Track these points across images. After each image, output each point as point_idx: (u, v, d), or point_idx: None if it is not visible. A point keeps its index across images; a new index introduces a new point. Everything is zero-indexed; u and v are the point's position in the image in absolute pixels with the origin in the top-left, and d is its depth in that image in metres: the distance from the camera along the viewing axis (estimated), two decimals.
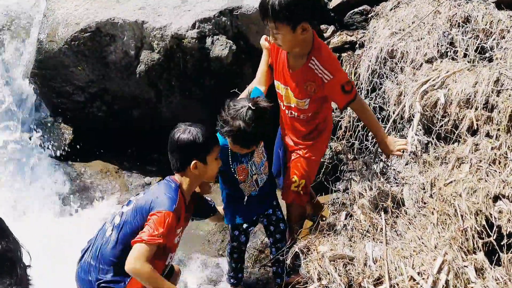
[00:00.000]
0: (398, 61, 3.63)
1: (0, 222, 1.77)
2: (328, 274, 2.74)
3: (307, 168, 3.08)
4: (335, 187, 3.69)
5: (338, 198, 3.70)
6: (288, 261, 2.96)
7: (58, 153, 4.46)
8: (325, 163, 3.78)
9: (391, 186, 3.21)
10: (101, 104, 4.41)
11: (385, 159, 3.36)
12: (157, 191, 2.50)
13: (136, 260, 2.27)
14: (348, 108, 3.01)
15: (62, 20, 4.00)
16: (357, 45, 4.14)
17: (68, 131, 4.53)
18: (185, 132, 2.44)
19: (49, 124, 4.50)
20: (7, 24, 4.43)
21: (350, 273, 2.69)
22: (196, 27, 3.91)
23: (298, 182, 3.10)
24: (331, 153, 3.95)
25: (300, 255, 3.04)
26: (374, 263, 2.70)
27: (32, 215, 3.92)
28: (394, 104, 3.49)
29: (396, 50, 3.66)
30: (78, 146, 4.47)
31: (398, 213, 2.93)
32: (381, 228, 2.86)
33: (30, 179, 4.34)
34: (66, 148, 4.45)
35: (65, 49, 3.99)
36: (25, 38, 4.31)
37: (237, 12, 3.97)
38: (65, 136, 4.53)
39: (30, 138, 4.46)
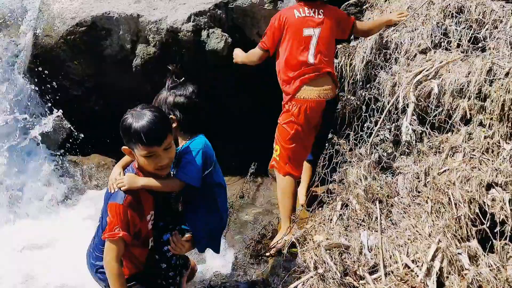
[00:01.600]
0: (393, 52, 3.66)
1: None
2: (324, 263, 2.79)
3: (278, 133, 3.51)
4: (331, 178, 3.72)
5: (334, 188, 3.74)
6: (285, 251, 3.00)
7: (55, 147, 4.48)
8: (322, 155, 3.83)
9: (386, 176, 3.25)
10: (98, 98, 4.43)
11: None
12: None
13: (105, 256, 2.32)
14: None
15: (58, 15, 4.01)
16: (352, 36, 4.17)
17: (66, 125, 4.54)
18: (133, 116, 2.20)
19: (46, 119, 4.51)
20: (1, 18, 4.43)
21: (346, 262, 2.74)
22: (191, 20, 3.93)
23: (275, 148, 3.55)
24: (327, 144, 3.99)
25: (297, 244, 3.09)
26: (370, 252, 2.75)
27: (30, 208, 3.96)
28: (389, 95, 3.52)
29: (390, 41, 3.69)
30: (75, 140, 4.49)
31: (392, 202, 2.98)
32: (376, 217, 2.91)
33: (28, 173, 4.36)
34: (63, 142, 4.47)
35: (61, 44, 4.00)
36: (20, 33, 4.32)
37: (232, 5, 3.98)
38: (63, 130, 4.55)
39: (26, 133, 4.47)
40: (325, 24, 3.34)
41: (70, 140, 4.50)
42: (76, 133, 4.49)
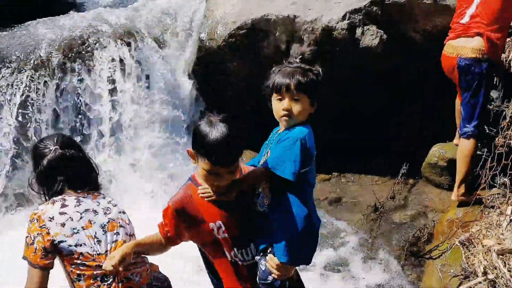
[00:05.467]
0: None
1: None
2: (496, 268, 2.59)
3: None
4: (496, 182, 3.46)
5: (499, 193, 3.46)
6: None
7: None
8: (483, 156, 3.57)
9: None
10: (250, 98, 4.64)
11: None
12: None
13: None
14: None
15: (220, 19, 4.32)
16: None
17: None
18: (211, 125, 1.90)
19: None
20: (169, 24, 4.88)
21: None
22: (346, 18, 3.95)
23: None
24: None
25: (461, 248, 2.92)
26: None
27: None
28: None
29: None
30: None
31: None
32: None
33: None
34: None
35: (223, 46, 4.30)
36: (186, 37, 4.72)
37: (389, 0, 3.91)
38: None
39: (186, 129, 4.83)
40: None
41: None
42: None
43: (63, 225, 2.07)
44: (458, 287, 2.75)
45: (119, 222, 2.19)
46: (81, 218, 2.11)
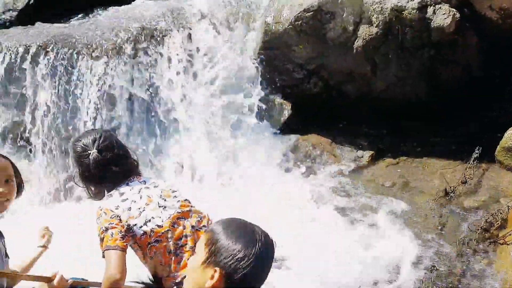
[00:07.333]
0: None
1: None
2: None
3: None
4: None
5: None
6: None
7: (277, 127, 4.86)
8: None
9: None
10: (318, 80, 4.66)
11: None
12: None
13: None
14: None
15: (286, 2, 4.33)
16: None
17: (287, 106, 4.89)
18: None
19: (270, 100, 4.92)
20: (235, 8, 4.95)
21: None
22: None
23: None
24: None
25: None
26: None
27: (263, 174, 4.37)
28: None
29: None
30: (295, 120, 4.80)
31: None
32: None
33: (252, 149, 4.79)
34: (285, 122, 4.82)
35: (289, 30, 4.32)
36: (251, 22, 4.77)
37: None
38: (284, 111, 4.91)
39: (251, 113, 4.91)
40: None
41: (290, 119, 4.81)
42: (296, 114, 4.79)
43: (129, 209, 2.18)
44: None
45: (171, 189, 2.31)
46: (140, 198, 2.23)
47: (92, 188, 2.33)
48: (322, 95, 4.74)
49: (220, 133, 4.61)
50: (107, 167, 2.25)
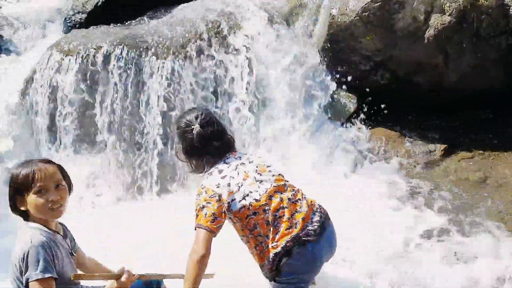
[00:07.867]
0: None
1: None
2: None
3: None
4: None
5: None
6: None
7: (342, 120, 4.76)
8: None
9: None
10: (385, 72, 4.51)
11: None
12: None
13: None
14: None
15: None
16: None
17: (352, 99, 4.77)
18: None
19: (335, 92, 4.82)
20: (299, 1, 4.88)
21: None
22: None
23: None
24: None
25: None
26: None
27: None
28: None
29: None
30: (361, 113, 4.68)
31: None
32: None
33: (313, 143, 4.73)
34: (350, 115, 4.71)
35: (355, 21, 4.20)
36: (316, 14, 4.69)
37: None
38: (349, 104, 4.79)
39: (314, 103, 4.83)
40: None
41: (357, 112, 4.69)
42: (361, 107, 4.67)
43: (229, 185, 2.36)
44: None
45: (265, 164, 2.49)
46: (238, 174, 2.40)
47: (194, 162, 2.52)
48: (391, 86, 4.60)
49: None
50: (209, 141, 2.45)
